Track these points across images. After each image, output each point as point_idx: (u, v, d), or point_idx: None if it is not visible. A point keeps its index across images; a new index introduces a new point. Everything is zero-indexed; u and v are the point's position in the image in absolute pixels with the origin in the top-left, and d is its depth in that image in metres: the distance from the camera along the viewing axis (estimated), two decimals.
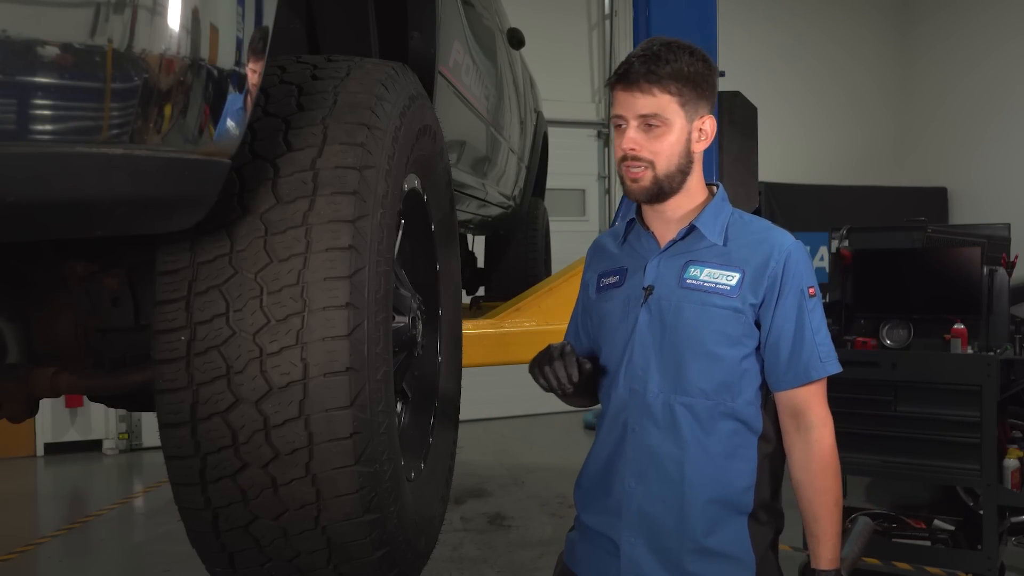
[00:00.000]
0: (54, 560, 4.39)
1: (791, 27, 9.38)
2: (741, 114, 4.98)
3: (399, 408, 1.96)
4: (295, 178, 1.37)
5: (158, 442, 1.37)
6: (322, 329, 1.32)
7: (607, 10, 8.56)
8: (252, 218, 1.34)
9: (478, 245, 5.21)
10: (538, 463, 6.20)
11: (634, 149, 1.52)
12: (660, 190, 1.54)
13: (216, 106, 1.13)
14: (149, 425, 6.81)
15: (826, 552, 1.54)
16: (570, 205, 8.54)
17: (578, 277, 1.80)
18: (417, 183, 1.88)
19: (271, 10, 1.28)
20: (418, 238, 2.05)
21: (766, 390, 1.57)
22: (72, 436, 6.82)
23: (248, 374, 1.31)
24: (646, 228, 1.63)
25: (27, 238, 1.11)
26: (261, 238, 1.33)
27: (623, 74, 1.52)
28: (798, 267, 1.53)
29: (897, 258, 3.81)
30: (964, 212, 8.99)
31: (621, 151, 1.54)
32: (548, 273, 5.16)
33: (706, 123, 1.55)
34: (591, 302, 1.70)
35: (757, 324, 1.54)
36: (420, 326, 1.93)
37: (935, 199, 9.17)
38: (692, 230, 1.57)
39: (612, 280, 1.65)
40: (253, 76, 1.22)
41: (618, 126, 1.54)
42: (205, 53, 1.08)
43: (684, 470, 1.52)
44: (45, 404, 4.89)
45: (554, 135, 5.99)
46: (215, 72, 1.11)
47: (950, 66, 9.39)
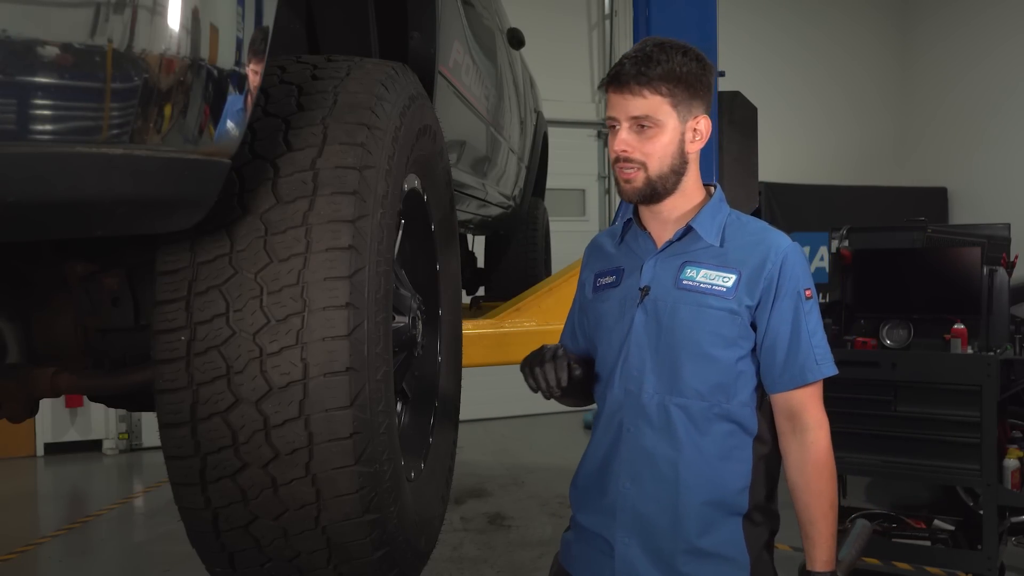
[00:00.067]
0: (54, 560, 4.38)
1: (791, 27, 9.38)
2: (741, 114, 4.98)
3: (399, 408, 1.96)
4: (295, 178, 1.37)
5: (158, 442, 1.37)
6: (322, 329, 1.32)
7: (607, 10, 8.56)
8: (252, 218, 1.34)
9: (478, 245, 5.21)
10: (538, 463, 6.20)
11: (626, 151, 1.52)
12: (653, 191, 1.54)
13: (216, 106, 1.13)
14: (149, 425, 6.81)
15: (821, 554, 1.54)
16: (570, 205, 8.54)
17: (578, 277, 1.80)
18: (417, 183, 1.87)
19: (271, 10, 1.28)
20: (418, 238, 2.05)
21: (762, 392, 1.56)
22: (72, 436, 6.82)
23: (248, 374, 1.31)
24: (643, 228, 1.63)
25: (27, 238, 1.11)
26: (261, 238, 1.33)
27: (614, 76, 1.52)
28: (795, 269, 1.53)
29: (897, 258, 3.81)
30: (964, 212, 8.99)
31: (614, 152, 1.54)
32: (548, 273, 5.16)
33: (700, 123, 1.54)
34: (587, 302, 1.70)
35: (753, 326, 1.53)
36: (420, 326, 1.93)
37: (935, 199, 9.17)
38: (689, 231, 1.57)
39: (609, 280, 1.65)
40: (253, 76, 1.22)
41: (611, 127, 1.54)
42: (205, 53, 1.08)
43: (679, 471, 1.52)
44: (45, 404, 4.89)
45: (554, 135, 5.99)
46: (215, 72, 1.11)
47: (950, 66, 9.39)
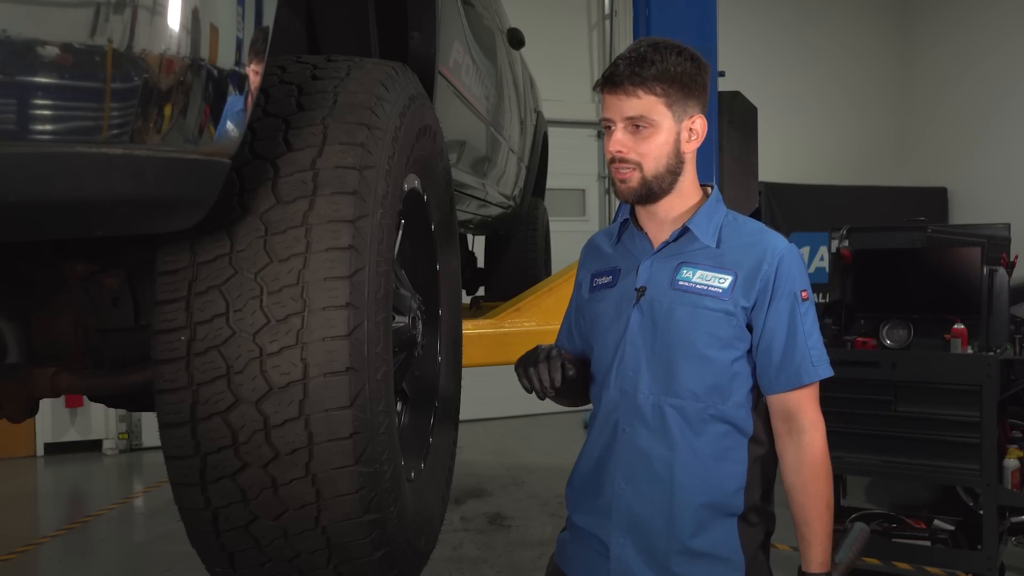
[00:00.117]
0: (54, 560, 4.38)
1: (791, 27, 9.37)
2: (741, 114, 4.97)
3: (399, 408, 1.96)
4: (295, 178, 1.37)
5: (158, 442, 1.37)
6: (322, 329, 1.32)
7: (607, 10, 8.56)
8: (252, 218, 1.34)
9: (478, 245, 5.21)
10: (538, 463, 6.20)
11: (621, 151, 1.52)
12: (649, 191, 1.54)
13: (216, 106, 1.13)
14: (149, 425, 6.81)
15: (817, 555, 1.54)
16: (570, 205, 8.54)
17: None
18: (417, 183, 1.87)
19: (271, 10, 1.27)
20: (418, 238, 2.05)
21: (757, 393, 1.56)
22: (72, 436, 6.82)
23: (248, 374, 1.31)
24: (639, 229, 1.63)
25: (27, 238, 1.10)
26: (261, 238, 1.33)
27: (609, 77, 1.52)
28: (791, 270, 1.53)
29: (897, 258, 3.81)
30: (964, 212, 8.99)
31: (609, 153, 1.54)
32: (548, 273, 5.16)
33: (696, 123, 1.54)
34: (584, 302, 1.70)
35: (749, 327, 1.53)
36: (420, 326, 1.93)
37: (935, 199, 9.17)
38: (685, 232, 1.56)
39: (605, 280, 1.65)
40: (253, 76, 1.22)
41: (607, 128, 1.54)
42: (205, 53, 1.08)
43: (674, 471, 1.52)
44: (45, 404, 4.89)
45: (554, 135, 5.99)
46: (215, 72, 1.11)
47: (950, 66, 9.39)
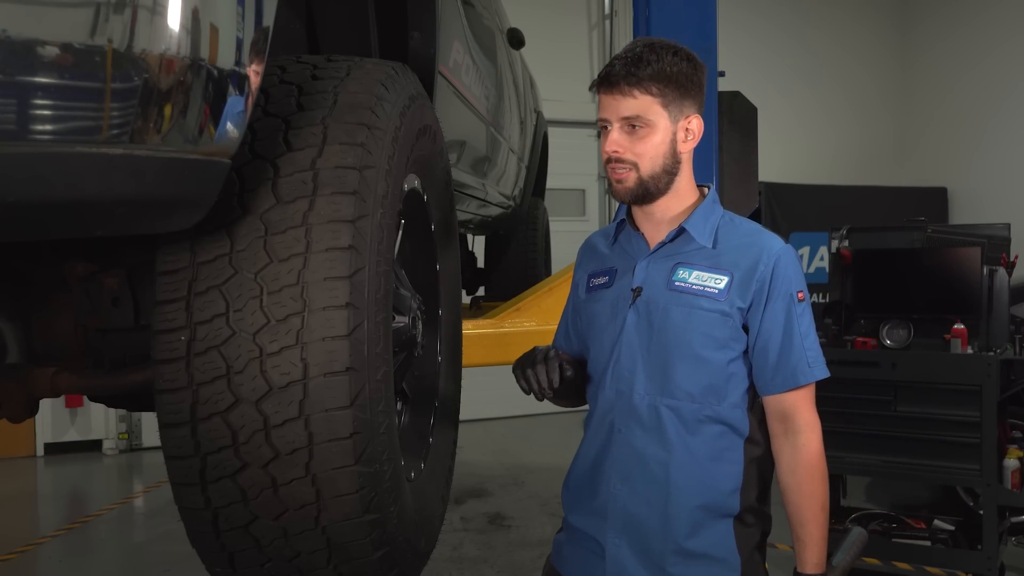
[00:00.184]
0: (54, 560, 4.38)
1: (791, 27, 9.38)
2: (741, 114, 4.96)
3: (399, 408, 1.96)
4: (295, 178, 1.37)
5: (158, 442, 1.37)
6: (322, 329, 1.32)
7: (607, 10, 8.56)
8: (252, 218, 1.34)
9: (478, 245, 5.21)
10: (538, 463, 6.20)
11: (617, 151, 1.52)
12: (645, 191, 1.54)
13: (216, 106, 1.13)
14: (149, 425, 6.81)
15: (812, 556, 1.54)
16: (570, 205, 8.54)
17: None
18: (417, 183, 1.87)
19: (271, 10, 1.27)
20: (418, 238, 2.05)
21: (753, 393, 1.56)
22: (72, 436, 6.83)
23: (248, 374, 1.31)
24: (636, 229, 1.63)
25: (27, 238, 1.10)
26: (261, 238, 1.33)
27: (604, 77, 1.52)
28: (787, 271, 1.53)
29: (897, 258, 3.81)
30: (964, 212, 8.99)
31: (605, 153, 1.54)
32: (548, 273, 5.16)
33: (692, 123, 1.54)
34: (581, 302, 1.70)
35: (745, 328, 1.53)
36: (420, 326, 1.93)
37: (935, 199, 9.17)
38: (681, 232, 1.57)
39: (601, 281, 1.65)
40: (253, 76, 1.22)
41: (603, 128, 1.54)
42: (205, 53, 1.08)
43: (669, 472, 1.52)
44: (45, 404, 4.89)
45: (554, 135, 5.99)
46: (215, 72, 1.11)
47: (950, 66, 9.39)
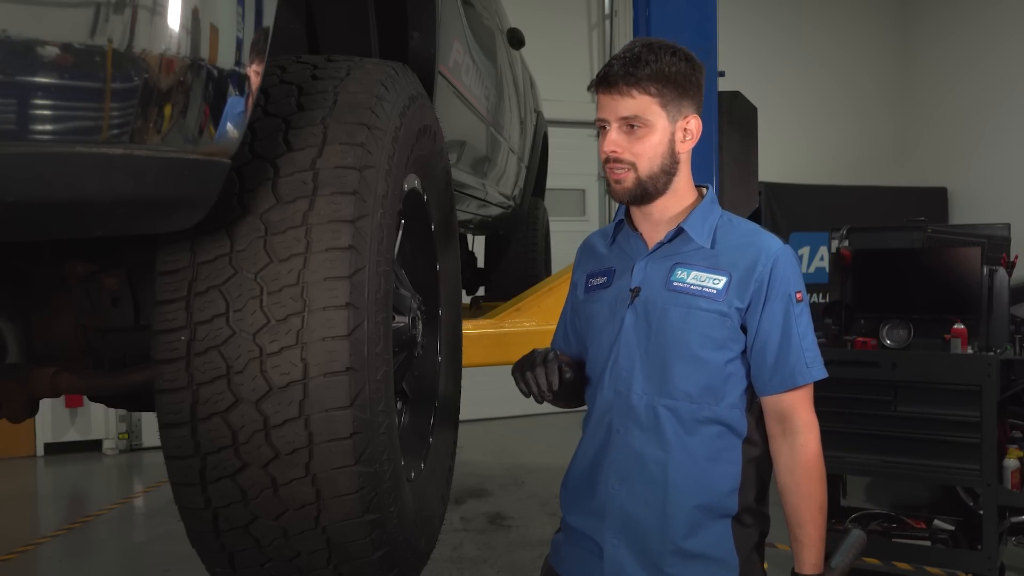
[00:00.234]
0: (54, 560, 4.39)
1: (791, 27, 9.38)
2: (741, 114, 4.96)
3: (399, 408, 1.96)
4: (295, 178, 1.37)
5: (158, 442, 1.36)
6: (322, 329, 1.31)
7: (607, 10, 8.56)
8: (252, 218, 1.34)
9: (478, 245, 5.21)
10: (538, 463, 6.20)
11: (615, 151, 1.52)
12: (644, 191, 1.54)
13: (216, 106, 1.13)
14: (149, 425, 6.82)
15: (810, 557, 1.54)
16: (570, 205, 8.55)
17: None
18: (417, 183, 1.87)
19: (271, 10, 1.27)
20: (418, 238, 2.05)
21: (751, 394, 1.56)
22: (72, 436, 6.83)
23: (248, 374, 1.31)
24: (634, 230, 1.63)
25: (27, 238, 1.10)
26: (261, 238, 1.33)
27: (603, 77, 1.52)
28: (785, 272, 1.53)
29: (897, 258, 3.81)
30: (964, 212, 8.99)
31: (604, 153, 1.54)
32: (548, 273, 5.16)
33: (691, 123, 1.54)
34: (579, 302, 1.70)
35: (743, 328, 1.53)
36: (420, 326, 1.93)
37: (935, 199, 9.17)
38: (680, 232, 1.57)
39: (600, 281, 1.66)
40: (253, 76, 1.22)
41: (601, 128, 1.54)
42: (205, 53, 1.08)
43: (667, 472, 1.52)
44: (45, 404, 4.89)
45: (554, 135, 5.99)
46: (215, 72, 1.11)
47: (950, 66, 9.39)
